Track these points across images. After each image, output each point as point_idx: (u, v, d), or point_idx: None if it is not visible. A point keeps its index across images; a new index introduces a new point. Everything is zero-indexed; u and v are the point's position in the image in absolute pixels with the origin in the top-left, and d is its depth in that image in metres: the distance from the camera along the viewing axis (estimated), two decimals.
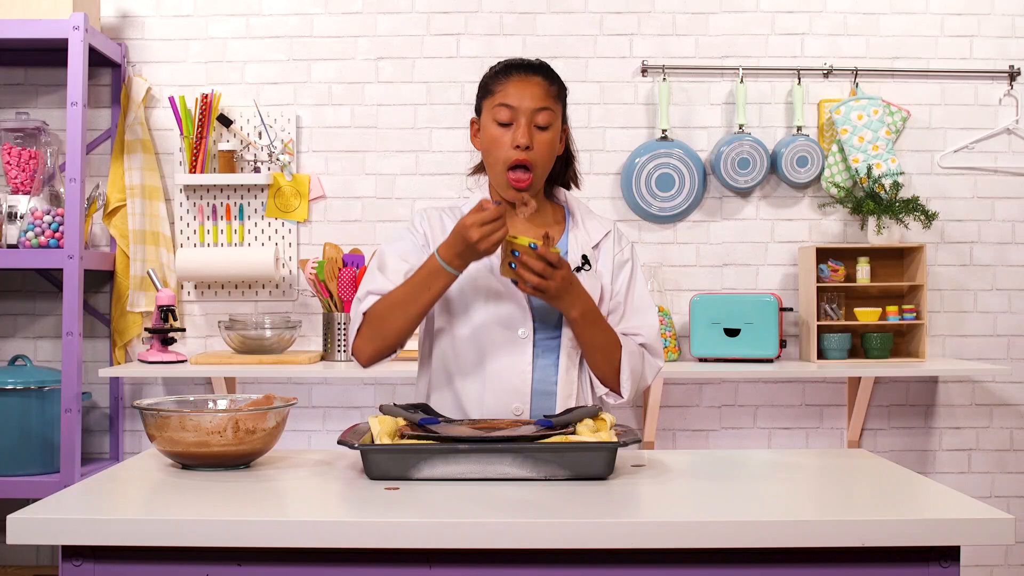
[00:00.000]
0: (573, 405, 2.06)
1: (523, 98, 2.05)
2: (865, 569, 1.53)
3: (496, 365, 2.05)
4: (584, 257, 2.12)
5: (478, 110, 2.14)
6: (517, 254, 1.95)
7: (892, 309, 3.47)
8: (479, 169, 2.22)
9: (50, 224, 3.27)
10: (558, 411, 2.04)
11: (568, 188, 2.26)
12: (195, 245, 3.59)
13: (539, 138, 2.05)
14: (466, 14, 3.63)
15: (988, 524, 1.51)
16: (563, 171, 2.24)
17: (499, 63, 2.13)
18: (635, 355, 2.08)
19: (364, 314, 2.04)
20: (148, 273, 3.47)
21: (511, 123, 2.05)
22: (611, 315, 2.14)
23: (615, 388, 2.09)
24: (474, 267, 2.07)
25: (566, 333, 2.08)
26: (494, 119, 2.06)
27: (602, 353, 2.06)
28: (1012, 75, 3.63)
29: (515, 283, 2.00)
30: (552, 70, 2.12)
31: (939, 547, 1.53)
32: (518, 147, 2.02)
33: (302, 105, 3.63)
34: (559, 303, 2.00)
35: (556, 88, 2.10)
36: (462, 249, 1.94)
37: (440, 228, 2.13)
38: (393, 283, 2.03)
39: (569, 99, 3.49)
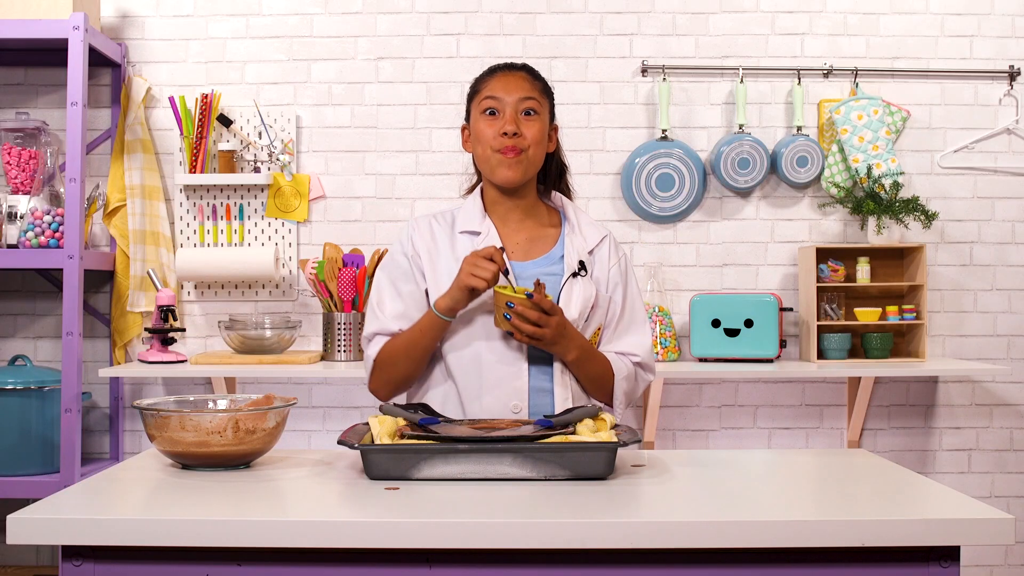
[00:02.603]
0: (571, 405, 2.07)
1: (508, 91, 2.09)
2: (865, 569, 1.53)
3: (494, 366, 2.05)
4: (581, 263, 2.13)
5: (468, 115, 2.17)
6: (512, 305, 1.95)
7: (892, 309, 3.47)
8: (474, 189, 2.24)
9: (50, 224, 3.27)
10: (557, 411, 2.04)
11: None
12: (195, 245, 3.59)
13: (527, 125, 2.08)
14: (466, 14, 3.63)
15: (988, 524, 1.51)
16: (556, 182, 2.26)
17: (484, 69, 2.19)
18: (628, 378, 2.13)
19: (374, 360, 2.10)
20: (148, 273, 3.47)
21: (497, 112, 2.08)
22: (606, 329, 2.17)
23: (609, 405, 2.15)
24: None
25: None
26: (481, 112, 2.10)
27: (596, 383, 2.11)
28: (1012, 75, 3.63)
29: (510, 334, 2.01)
30: (535, 69, 2.18)
31: (939, 547, 1.53)
32: (505, 135, 2.06)
33: (302, 105, 3.63)
34: (555, 348, 2.03)
35: (540, 84, 2.15)
36: (455, 291, 2.00)
37: (430, 235, 2.15)
38: (392, 319, 2.09)
39: (569, 99, 3.59)
